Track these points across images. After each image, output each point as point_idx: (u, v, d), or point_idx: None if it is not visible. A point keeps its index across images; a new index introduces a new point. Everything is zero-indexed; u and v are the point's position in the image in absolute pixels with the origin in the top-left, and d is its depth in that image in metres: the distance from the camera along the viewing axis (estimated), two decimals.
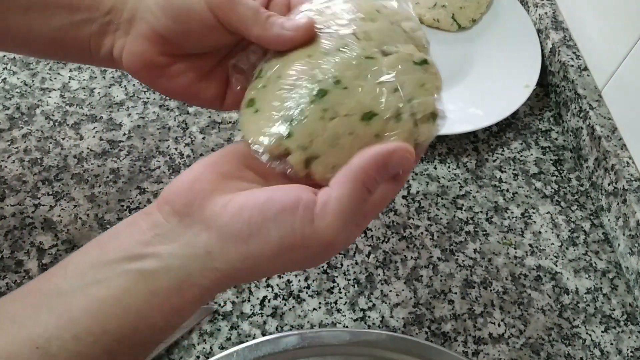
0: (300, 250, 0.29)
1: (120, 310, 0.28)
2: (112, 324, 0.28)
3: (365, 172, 0.29)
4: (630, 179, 0.53)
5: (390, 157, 0.30)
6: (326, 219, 0.28)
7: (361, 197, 0.29)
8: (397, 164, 0.30)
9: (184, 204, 0.29)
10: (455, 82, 0.65)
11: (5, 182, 0.54)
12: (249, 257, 0.28)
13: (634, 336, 0.50)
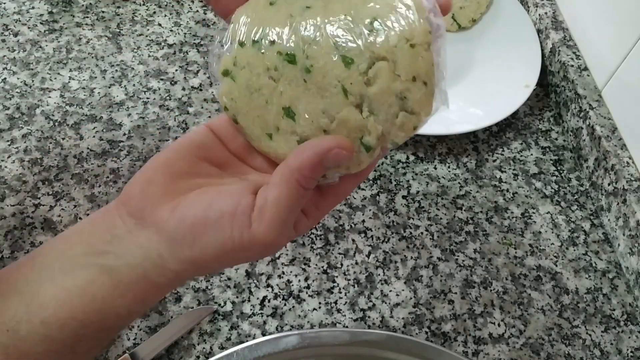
0: (241, 253, 0.30)
1: (87, 299, 0.29)
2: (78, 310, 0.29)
3: (300, 172, 0.29)
4: (630, 179, 0.53)
5: (326, 155, 0.29)
6: (263, 223, 0.30)
7: (298, 196, 0.30)
8: (334, 161, 0.30)
9: (138, 209, 0.31)
10: (455, 82, 0.65)
11: (5, 182, 0.54)
12: (196, 260, 0.30)
13: (634, 336, 0.50)
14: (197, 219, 0.30)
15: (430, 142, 0.61)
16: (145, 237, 0.30)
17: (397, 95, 0.29)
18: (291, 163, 0.30)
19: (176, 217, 0.30)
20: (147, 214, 0.31)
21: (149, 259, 0.30)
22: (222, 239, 0.30)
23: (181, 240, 0.30)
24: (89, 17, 0.69)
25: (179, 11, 0.70)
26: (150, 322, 0.47)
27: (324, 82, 0.30)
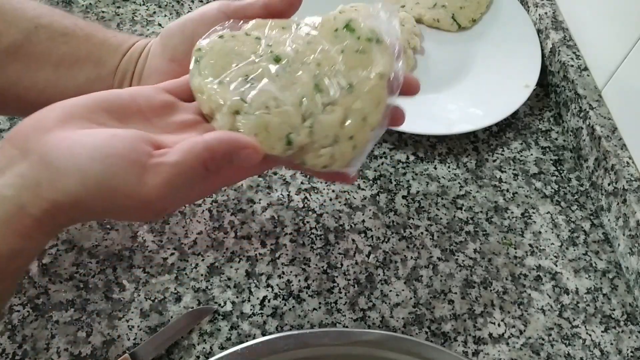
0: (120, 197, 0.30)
1: None
2: None
3: (210, 153, 0.31)
4: (630, 179, 0.53)
5: (239, 151, 0.32)
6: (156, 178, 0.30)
7: (196, 173, 0.31)
8: (243, 159, 0.32)
9: (23, 138, 0.30)
10: (455, 82, 0.65)
11: None
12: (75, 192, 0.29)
13: (634, 336, 0.50)
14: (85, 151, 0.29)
15: (430, 142, 0.61)
16: (26, 166, 0.30)
17: (334, 137, 0.35)
18: (207, 141, 0.31)
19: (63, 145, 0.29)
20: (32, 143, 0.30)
21: (26, 187, 0.29)
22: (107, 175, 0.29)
23: (63, 169, 0.29)
24: (89, 17, 0.68)
25: (179, 11, 0.70)
26: (150, 322, 0.47)
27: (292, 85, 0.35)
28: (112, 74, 0.40)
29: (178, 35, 0.40)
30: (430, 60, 0.68)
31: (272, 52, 0.36)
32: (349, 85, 0.36)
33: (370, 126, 0.36)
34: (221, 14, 0.39)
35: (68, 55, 0.40)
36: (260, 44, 0.37)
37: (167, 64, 0.40)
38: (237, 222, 0.53)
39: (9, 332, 0.45)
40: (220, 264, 0.50)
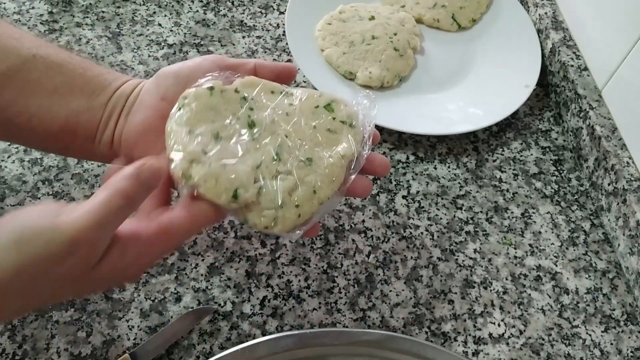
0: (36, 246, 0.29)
1: None
2: None
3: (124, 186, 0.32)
4: (630, 179, 0.53)
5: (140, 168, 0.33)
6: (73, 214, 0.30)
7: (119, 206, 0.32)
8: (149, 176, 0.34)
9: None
10: (455, 82, 0.65)
11: (5, 182, 0.54)
12: None
13: (634, 336, 0.50)
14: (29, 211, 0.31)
15: (430, 142, 0.61)
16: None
17: (280, 202, 0.37)
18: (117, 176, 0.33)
19: None
20: None
21: None
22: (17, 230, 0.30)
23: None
24: (89, 17, 0.69)
25: (179, 11, 0.71)
26: (150, 322, 0.47)
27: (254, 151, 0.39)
28: (103, 107, 0.42)
29: (172, 78, 0.42)
30: (430, 60, 0.68)
31: (249, 116, 0.40)
32: (308, 159, 0.39)
33: (319, 199, 0.39)
34: (215, 67, 0.42)
35: (63, 84, 0.41)
36: (243, 107, 0.40)
37: (157, 101, 0.41)
38: (237, 222, 0.53)
39: (9, 332, 0.45)
40: (220, 264, 0.50)
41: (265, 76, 0.43)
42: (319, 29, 0.66)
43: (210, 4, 0.72)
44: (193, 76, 0.41)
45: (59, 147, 0.44)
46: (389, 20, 0.67)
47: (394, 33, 0.65)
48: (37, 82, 0.40)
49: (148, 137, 0.41)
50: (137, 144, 0.41)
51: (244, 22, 0.70)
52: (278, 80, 0.43)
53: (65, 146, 0.43)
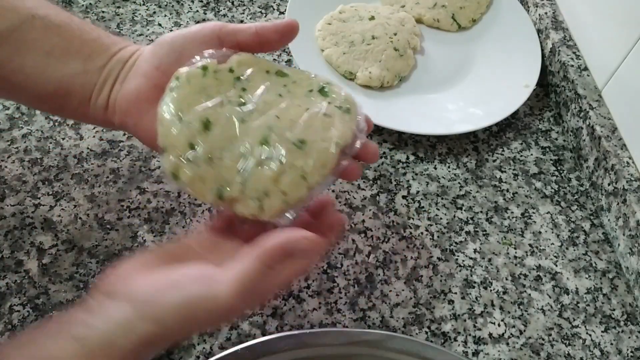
0: (202, 313, 0.34)
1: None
2: None
3: (270, 256, 0.34)
4: (630, 179, 0.53)
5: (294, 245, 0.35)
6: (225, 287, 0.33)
7: (262, 273, 0.34)
8: (301, 252, 0.35)
9: (110, 285, 0.35)
10: (455, 82, 0.65)
11: (5, 182, 0.54)
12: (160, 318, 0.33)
13: (634, 336, 0.50)
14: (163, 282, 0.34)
15: (430, 142, 0.61)
16: (115, 306, 0.34)
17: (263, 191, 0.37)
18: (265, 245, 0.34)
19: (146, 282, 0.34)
20: (119, 288, 0.35)
21: (116, 324, 0.33)
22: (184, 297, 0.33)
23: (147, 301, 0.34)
24: (89, 17, 0.69)
25: (179, 11, 0.71)
26: None
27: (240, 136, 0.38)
28: (99, 71, 0.42)
29: (167, 47, 0.41)
30: (430, 60, 0.68)
31: (241, 97, 0.39)
32: (300, 141, 0.38)
33: (308, 185, 0.38)
34: (214, 36, 0.41)
35: (59, 46, 0.41)
36: (236, 86, 0.40)
37: (152, 70, 0.41)
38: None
39: (9, 332, 0.45)
40: None
41: (269, 38, 0.41)
42: (319, 29, 0.66)
43: (210, 4, 0.72)
44: (189, 46, 0.41)
45: (53, 107, 0.45)
46: (389, 20, 0.67)
47: (394, 33, 0.65)
48: (34, 43, 0.40)
49: (141, 105, 0.41)
50: (129, 111, 0.41)
51: (244, 22, 0.70)
52: (283, 40, 0.42)
53: (59, 107, 0.44)
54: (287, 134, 0.38)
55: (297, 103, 0.40)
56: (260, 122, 0.38)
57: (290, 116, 0.39)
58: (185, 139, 0.37)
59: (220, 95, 0.39)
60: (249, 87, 0.40)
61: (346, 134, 0.39)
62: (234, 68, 0.40)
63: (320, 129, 0.39)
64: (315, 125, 0.39)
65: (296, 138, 0.38)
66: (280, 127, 0.38)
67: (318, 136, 0.38)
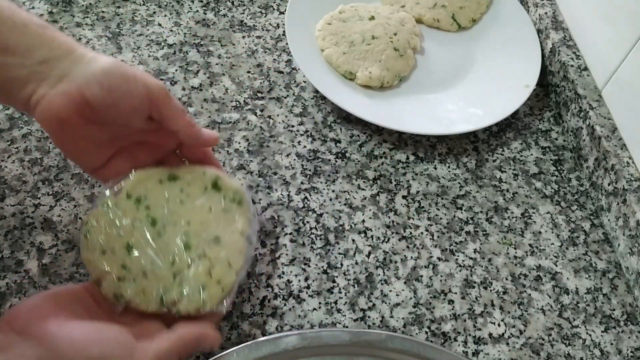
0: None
1: None
2: None
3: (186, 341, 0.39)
4: (630, 179, 0.53)
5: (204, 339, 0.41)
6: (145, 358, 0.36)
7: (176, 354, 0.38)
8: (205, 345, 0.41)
9: (22, 322, 0.36)
10: (455, 82, 0.65)
11: (5, 182, 0.54)
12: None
13: (634, 336, 0.50)
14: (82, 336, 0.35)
15: (430, 142, 0.61)
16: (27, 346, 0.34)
17: (202, 285, 0.42)
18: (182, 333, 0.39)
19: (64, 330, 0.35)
20: (32, 328, 0.35)
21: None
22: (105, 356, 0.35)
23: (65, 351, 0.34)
24: (89, 17, 0.69)
25: (179, 11, 0.71)
26: None
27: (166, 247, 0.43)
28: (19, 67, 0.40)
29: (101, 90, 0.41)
30: (430, 60, 0.68)
31: (148, 215, 0.44)
32: (215, 238, 0.44)
33: (235, 270, 0.44)
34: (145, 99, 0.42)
35: None
36: (139, 208, 0.44)
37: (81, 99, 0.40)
38: None
39: None
40: None
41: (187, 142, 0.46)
42: (319, 29, 0.66)
43: (210, 4, 0.72)
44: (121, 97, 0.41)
45: None
46: (389, 20, 0.67)
47: (394, 33, 0.65)
48: None
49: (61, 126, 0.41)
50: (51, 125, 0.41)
51: (244, 22, 0.70)
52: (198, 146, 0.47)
53: None
54: (202, 234, 0.44)
55: (199, 204, 0.45)
56: (176, 231, 0.44)
57: (198, 219, 0.45)
58: (117, 265, 0.42)
59: (129, 220, 0.43)
60: (151, 204, 0.45)
61: (245, 223, 0.46)
62: (130, 193, 0.44)
63: (225, 223, 0.45)
64: (220, 221, 0.45)
65: (211, 236, 0.44)
66: (195, 230, 0.44)
67: (227, 230, 0.45)
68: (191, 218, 0.45)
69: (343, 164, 0.58)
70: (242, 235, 0.45)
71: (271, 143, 0.59)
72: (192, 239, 0.44)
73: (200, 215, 0.45)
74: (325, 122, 0.62)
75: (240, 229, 0.45)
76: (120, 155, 0.45)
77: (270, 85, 0.64)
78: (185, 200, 0.45)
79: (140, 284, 0.42)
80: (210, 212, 0.45)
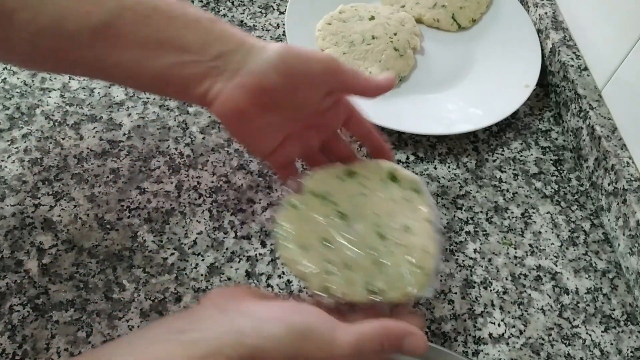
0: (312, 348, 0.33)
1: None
2: None
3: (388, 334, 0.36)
4: (630, 179, 0.53)
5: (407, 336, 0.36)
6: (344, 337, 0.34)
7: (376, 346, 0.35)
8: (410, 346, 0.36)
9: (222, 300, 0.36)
10: (455, 82, 0.65)
11: (5, 182, 0.54)
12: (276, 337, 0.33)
13: (634, 336, 0.50)
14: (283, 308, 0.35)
15: (430, 142, 0.61)
16: (228, 318, 0.34)
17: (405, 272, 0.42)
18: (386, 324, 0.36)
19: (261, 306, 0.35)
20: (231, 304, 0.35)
21: (228, 333, 0.33)
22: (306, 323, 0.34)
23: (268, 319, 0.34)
24: None
25: None
26: (150, 322, 0.47)
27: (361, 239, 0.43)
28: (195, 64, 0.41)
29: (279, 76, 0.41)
30: (430, 60, 0.68)
31: (337, 211, 0.44)
32: (404, 227, 0.44)
33: (431, 255, 0.43)
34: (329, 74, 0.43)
35: (151, 38, 0.40)
36: (325, 204, 0.45)
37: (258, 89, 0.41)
38: (237, 222, 0.53)
39: (9, 332, 0.45)
40: (220, 264, 0.50)
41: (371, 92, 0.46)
42: (319, 29, 0.66)
43: (210, 4, 0.72)
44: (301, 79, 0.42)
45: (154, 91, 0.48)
46: (389, 20, 0.67)
47: (394, 33, 0.65)
48: (127, 36, 0.40)
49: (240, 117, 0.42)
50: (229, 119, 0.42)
51: (244, 22, 0.70)
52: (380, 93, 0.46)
53: (160, 92, 0.48)
54: (392, 224, 0.44)
55: (381, 196, 0.46)
56: (367, 223, 0.44)
57: (384, 210, 0.45)
58: (319, 260, 0.42)
59: (320, 216, 0.44)
60: (337, 200, 0.45)
61: (429, 211, 0.45)
62: (314, 191, 0.45)
63: (410, 212, 0.45)
64: (404, 210, 0.45)
65: (401, 225, 0.44)
66: (383, 221, 0.44)
67: (414, 218, 0.45)
68: (377, 210, 0.45)
69: None
70: (428, 222, 0.45)
71: None
72: (384, 229, 0.44)
73: (385, 206, 0.45)
74: None
75: (425, 216, 0.45)
76: (289, 140, 0.45)
77: None
78: (366, 193, 0.46)
79: (344, 276, 0.41)
80: (393, 202, 0.46)
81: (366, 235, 0.44)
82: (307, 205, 0.45)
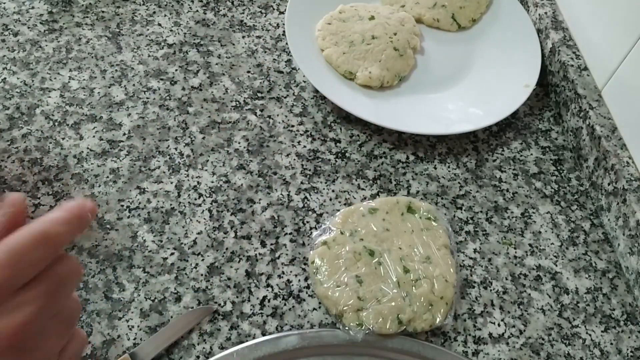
0: None
1: None
2: None
3: None
4: (630, 178, 0.53)
5: None
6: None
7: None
8: None
9: None
10: (455, 82, 0.65)
11: (5, 182, 0.54)
12: None
13: (634, 336, 0.50)
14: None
15: (430, 142, 0.61)
16: None
17: (429, 302, 0.47)
18: None
19: None
20: None
21: None
22: None
23: None
24: (89, 17, 0.69)
25: (178, 11, 0.70)
26: (150, 322, 0.47)
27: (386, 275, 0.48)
28: None
29: None
30: (430, 60, 0.68)
31: (365, 247, 0.49)
32: (427, 258, 0.49)
33: (452, 284, 0.48)
34: None
35: None
36: (354, 242, 0.50)
37: None
38: (237, 222, 0.53)
39: None
40: (220, 264, 0.50)
41: None
42: (319, 28, 0.66)
43: (210, 3, 0.72)
44: None
45: None
46: (388, 20, 0.67)
47: (394, 33, 0.65)
48: None
49: None
50: None
51: (243, 22, 0.70)
52: None
53: None
54: (414, 256, 0.49)
55: (402, 229, 0.51)
56: (393, 257, 0.49)
57: (407, 242, 0.50)
58: (354, 297, 0.46)
59: (349, 252, 0.49)
60: (364, 237, 0.50)
61: (445, 236, 0.51)
62: (343, 230, 0.50)
63: (431, 240, 0.50)
64: (425, 240, 0.50)
65: (423, 257, 0.49)
66: (407, 253, 0.49)
67: (433, 247, 0.50)
68: (400, 243, 0.50)
69: (343, 163, 0.58)
70: (447, 249, 0.50)
71: (271, 143, 0.59)
72: (408, 262, 0.49)
73: (407, 238, 0.50)
74: (325, 122, 0.62)
75: (443, 242, 0.51)
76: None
77: (270, 85, 0.64)
78: (389, 227, 0.51)
79: (375, 309, 0.46)
80: (413, 233, 0.51)
81: (393, 270, 0.48)
82: (338, 242, 0.49)
